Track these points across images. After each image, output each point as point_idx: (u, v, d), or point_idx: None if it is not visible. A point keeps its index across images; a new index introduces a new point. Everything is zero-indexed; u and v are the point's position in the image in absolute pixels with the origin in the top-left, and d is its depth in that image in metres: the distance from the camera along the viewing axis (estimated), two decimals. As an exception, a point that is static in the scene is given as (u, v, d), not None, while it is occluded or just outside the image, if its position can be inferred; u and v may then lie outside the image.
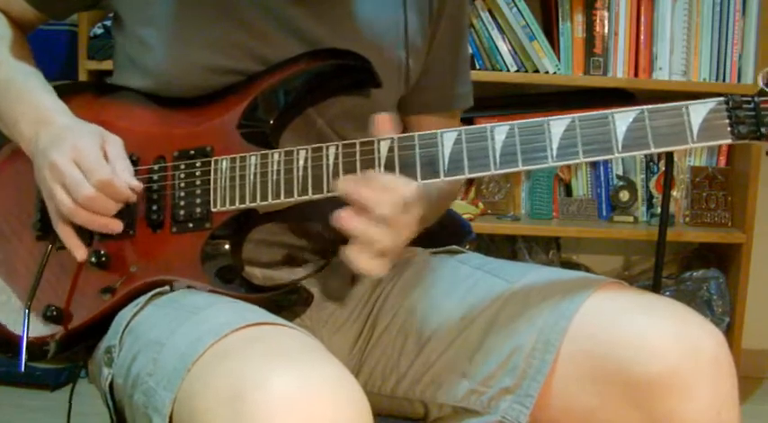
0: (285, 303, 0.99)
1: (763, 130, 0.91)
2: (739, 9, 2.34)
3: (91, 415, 1.23)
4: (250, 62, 1.05)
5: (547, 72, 2.33)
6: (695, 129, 0.91)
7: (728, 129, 0.91)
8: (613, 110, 0.93)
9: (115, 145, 1.02)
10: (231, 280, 1.00)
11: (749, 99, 0.92)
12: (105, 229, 1.00)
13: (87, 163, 0.97)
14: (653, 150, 0.92)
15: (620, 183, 2.46)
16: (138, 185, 0.99)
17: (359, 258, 0.92)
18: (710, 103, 0.92)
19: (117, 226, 1.00)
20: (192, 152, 1.04)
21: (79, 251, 1.02)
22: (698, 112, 0.92)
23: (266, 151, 1.00)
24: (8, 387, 2.27)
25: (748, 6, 2.34)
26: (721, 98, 0.92)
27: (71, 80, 2.30)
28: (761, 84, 0.93)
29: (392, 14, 1.10)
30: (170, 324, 0.90)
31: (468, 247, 1.22)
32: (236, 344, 0.82)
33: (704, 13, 2.35)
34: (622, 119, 0.92)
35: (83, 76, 2.29)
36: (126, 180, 0.98)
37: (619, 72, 2.36)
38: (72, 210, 0.98)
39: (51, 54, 2.33)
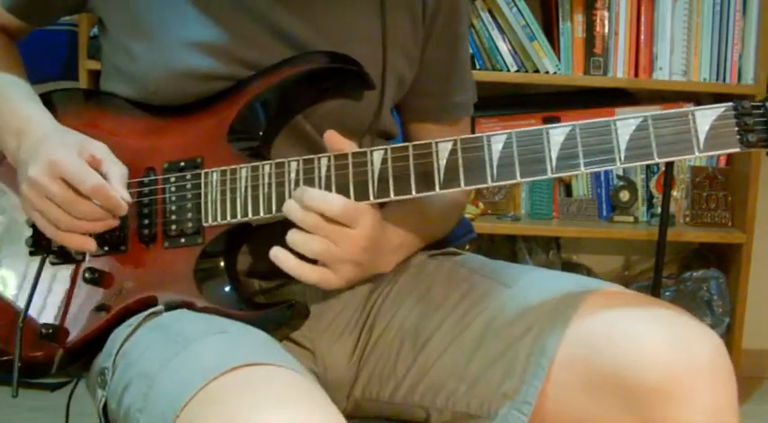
0: (281, 320, 0.98)
1: None
2: (739, 9, 2.34)
3: (90, 415, 1.23)
4: (237, 67, 1.03)
5: (547, 72, 2.33)
6: (701, 137, 0.87)
7: (737, 137, 0.86)
8: (615, 117, 0.89)
9: (101, 150, 1.00)
10: (226, 297, 0.98)
11: (759, 104, 0.87)
12: (80, 247, 1.00)
13: (70, 174, 0.96)
14: (656, 161, 0.88)
15: (621, 183, 2.46)
16: (128, 197, 0.98)
17: (278, 254, 0.94)
18: (719, 110, 0.87)
19: (91, 245, 1.00)
20: (182, 164, 1.02)
21: (89, 245, 1.01)
22: (705, 118, 0.87)
23: (257, 163, 0.98)
24: (7, 387, 2.26)
25: (748, 6, 2.34)
26: (730, 104, 0.87)
27: (71, 80, 2.31)
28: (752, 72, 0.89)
29: (378, 18, 1.08)
30: (160, 357, 0.88)
31: (467, 246, 1.22)
32: (224, 389, 0.80)
33: (704, 13, 2.35)
34: (625, 127, 0.88)
35: (82, 76, 2.29)
36: (119, 191, 0.97)
37: (619, 72, 2.36)
38: (61, 221, 0.98)
39: (51, 54, 2.33)
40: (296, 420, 0.76)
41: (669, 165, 2.22)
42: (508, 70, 2.34)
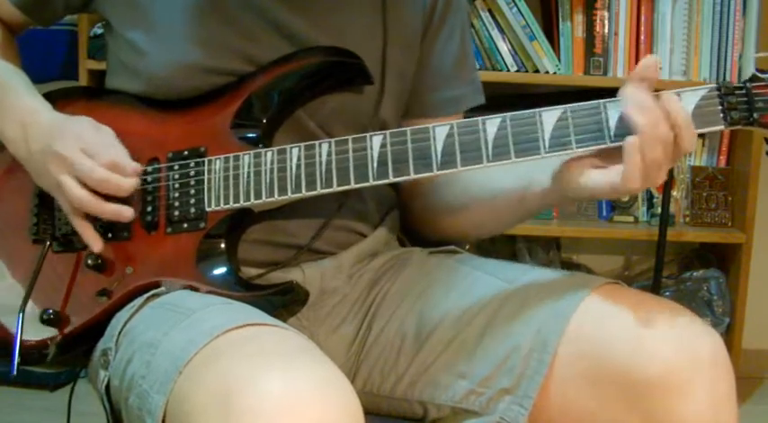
0: (281, 302, 0.99)
1: (755, 115, 0.91)
2: (739, 9, 2.34)
3: (91, 415, 1.23)
4: (239, 63, 1.05)
5: (547, 72, 2.33)
6: None
7: (721, 115, 0.91)
8: (606, 99, 0.93)
9: (107, 134, 1.04)
10: (227, 280, 1.00)
11: (741, 85, 0.91)
12: (117, 216, 1.01)
13: (93, 147, 1.00)
14: None
15: (621, 183, 2.45)
16: (137, 167, 1.02)
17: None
18: (702, 91, 0.91)
19: (128, 212, 1.01)
20: (186, 153, 1.04)
21: (96, 243, 1.03)
22: (690, 99, 0.91)
23: (259, 150, 1.01)
24: (8, 387, 2.27)
25: (748, 6, 2.34)
26: (713, 85, 0.92)
27: (71, 80, 2.31)
28: (753, 69, 0.93)
29: (379, 15, 1.09)
30: (163, 326, 0.90)
31: (467, 247, 1.22)
32: (227, 345, 0.82)
33: (704, 13, 2.35)
34: (614, 108, 0.92)
35: (83, 76, 2.29)
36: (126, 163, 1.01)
37: (619, 72, 2.36)
38: (83, 198, 0.99)
39: (51, 54, 2.33)
40: (295, 376, 0.77)
41: (669, 165, 2.22)
42: (508, 70, 2.34)
